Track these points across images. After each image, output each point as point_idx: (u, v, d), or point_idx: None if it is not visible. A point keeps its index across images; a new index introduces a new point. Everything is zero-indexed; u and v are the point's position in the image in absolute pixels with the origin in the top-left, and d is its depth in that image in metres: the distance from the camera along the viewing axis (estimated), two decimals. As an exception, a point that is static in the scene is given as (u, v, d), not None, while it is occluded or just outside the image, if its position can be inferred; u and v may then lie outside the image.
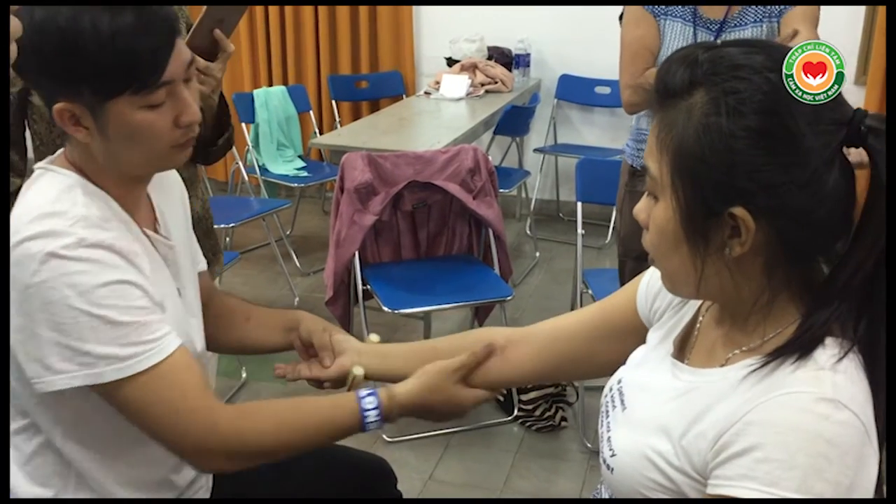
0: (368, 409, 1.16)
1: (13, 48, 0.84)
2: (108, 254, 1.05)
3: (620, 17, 2.38)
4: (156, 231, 1.22)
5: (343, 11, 4.64)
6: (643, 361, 1.07)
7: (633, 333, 1.12)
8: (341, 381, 1.31)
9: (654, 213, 0.90)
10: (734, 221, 0.84)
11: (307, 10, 4.68)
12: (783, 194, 0.82)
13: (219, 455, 1.11)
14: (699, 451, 0.87)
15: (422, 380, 1.21)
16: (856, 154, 0.84)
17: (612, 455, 0.98)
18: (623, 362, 1.10)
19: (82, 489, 1.17)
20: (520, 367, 1.25)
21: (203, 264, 1.42)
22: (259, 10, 4.75)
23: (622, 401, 1.03)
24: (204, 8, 1.48)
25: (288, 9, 4.71)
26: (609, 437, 1.01)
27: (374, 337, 1.40)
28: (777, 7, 2.10)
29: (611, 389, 1.07)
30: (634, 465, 0.94)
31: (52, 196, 1.08)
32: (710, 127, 0.82)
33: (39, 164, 1.15)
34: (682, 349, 1.01)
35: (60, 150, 1.17)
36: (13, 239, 1.03)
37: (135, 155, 1.11)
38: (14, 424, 1.16)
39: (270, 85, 4.70)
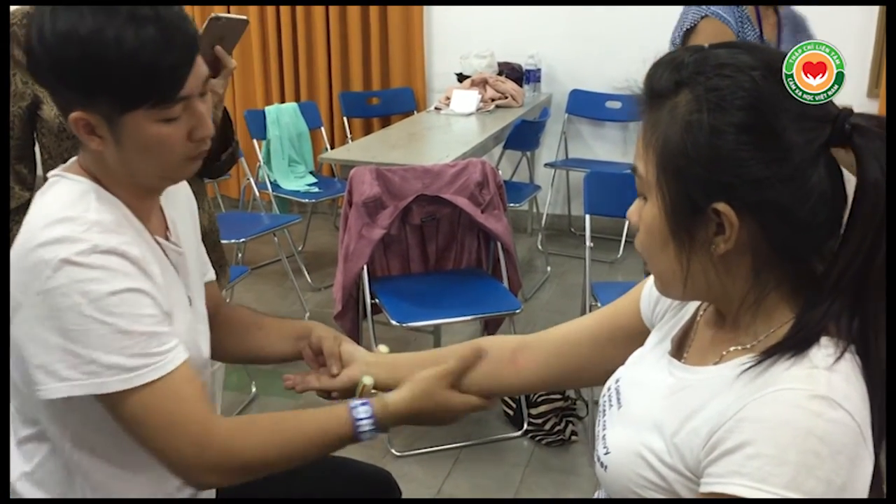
0: (362, 419, 1.15)
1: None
2: (120, 260, 1.05)
3: (687, 33, 2.28)
4: (167, 238, 1.23)
5: (355, 28, 4.68)
6: (640, 359, 1.07)
7: (638, 338, 1.11)
8: (350, 392, 1.30)
9: (643, 213, 0.91)
10: (718, 218, 0.84)
11: (319, 28, 4.72)
12: (765, 189, 0.82)
13: (210, 470, 1.10)
14: (692, 449, 0.86)
15: (412, 387, 1.21)
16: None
17: (607, 453, 0.98)
18: None
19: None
20: (529, 374, 1.24)
21: (211, 274, 1.43)
22: (271, 27, 4.80)
23: (618, 399, 1.03)
24: (204, 24, 1.49)
25: (300, 26, 4.75)
26: (604, 436, 1.01)
27: (382, 348, 1.40)
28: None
29: (608, 389, 1.07)
30: (628, 462, 0.94)
31: (65, 201, 1.09)
32: (693, 124, 0.83)
33: (53, 171, 1.15)
34: (680, 348, 1.01)
35: (74, 158, 1.18)
36: (27, 245, 1.04)
37: (148, 166, 1.11)
38: (23, 432, 1.17)
39: (282, 101, 4.74)
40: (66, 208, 1.07)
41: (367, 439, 1.17)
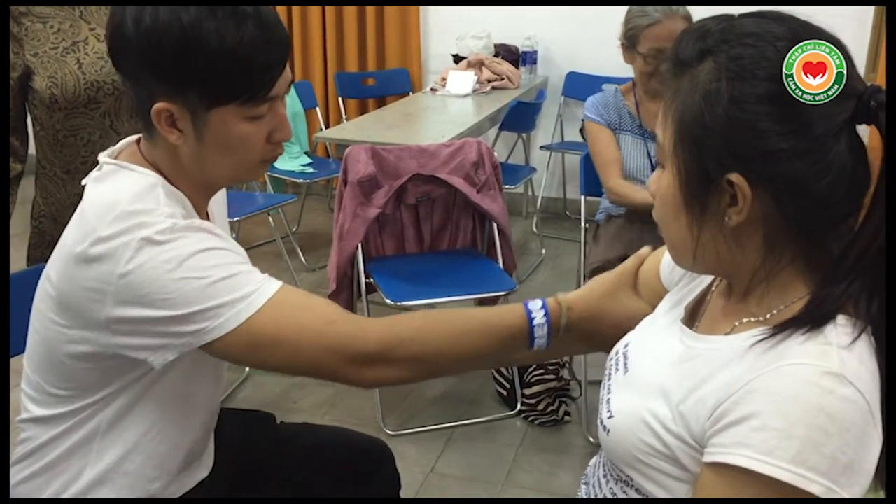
0: (535, 312, 1.07)
1: None
2: (199, 231, 1.05)
3: (581, 131, 2.65)
4: None
5: (350, 9, 4.65)
6: (651, 324, 1.06)
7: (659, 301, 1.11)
8: None
9: (660, 182, 0.91)
10: (732, 189, 0.83)
11: (314, 8, 4.69)
12: (781, 162, 0.81)
13: (379, 361, 1.04)
14: (698, 418, 0.85)
15: (592, 285, 1.13)
16: None
17: (610, 417, 0.98)
18: None
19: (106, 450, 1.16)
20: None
21: None
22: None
23: (625, 364, 1.02)
24: None
25: (295, 6, 4.72)
26: (609, 400, 1.00)
27: None
28: None
29: (616, 353, 1.06)
30: (631, 427, 0.93)
31: (133, 193, 1.06)
32: (712, 93, 0.82)
33: (105, 159, 1.13)
34: (693, 316, 1.01)
35: (124, 142, 1.16)
36: (91, 235, 1.02)
37: (223, 164, 1.11)
38: (57, 390, 1.15)
39: (277, 81, 4.71)
40: (136, 201, 1.05)
41: (540, 344, 1.08)
